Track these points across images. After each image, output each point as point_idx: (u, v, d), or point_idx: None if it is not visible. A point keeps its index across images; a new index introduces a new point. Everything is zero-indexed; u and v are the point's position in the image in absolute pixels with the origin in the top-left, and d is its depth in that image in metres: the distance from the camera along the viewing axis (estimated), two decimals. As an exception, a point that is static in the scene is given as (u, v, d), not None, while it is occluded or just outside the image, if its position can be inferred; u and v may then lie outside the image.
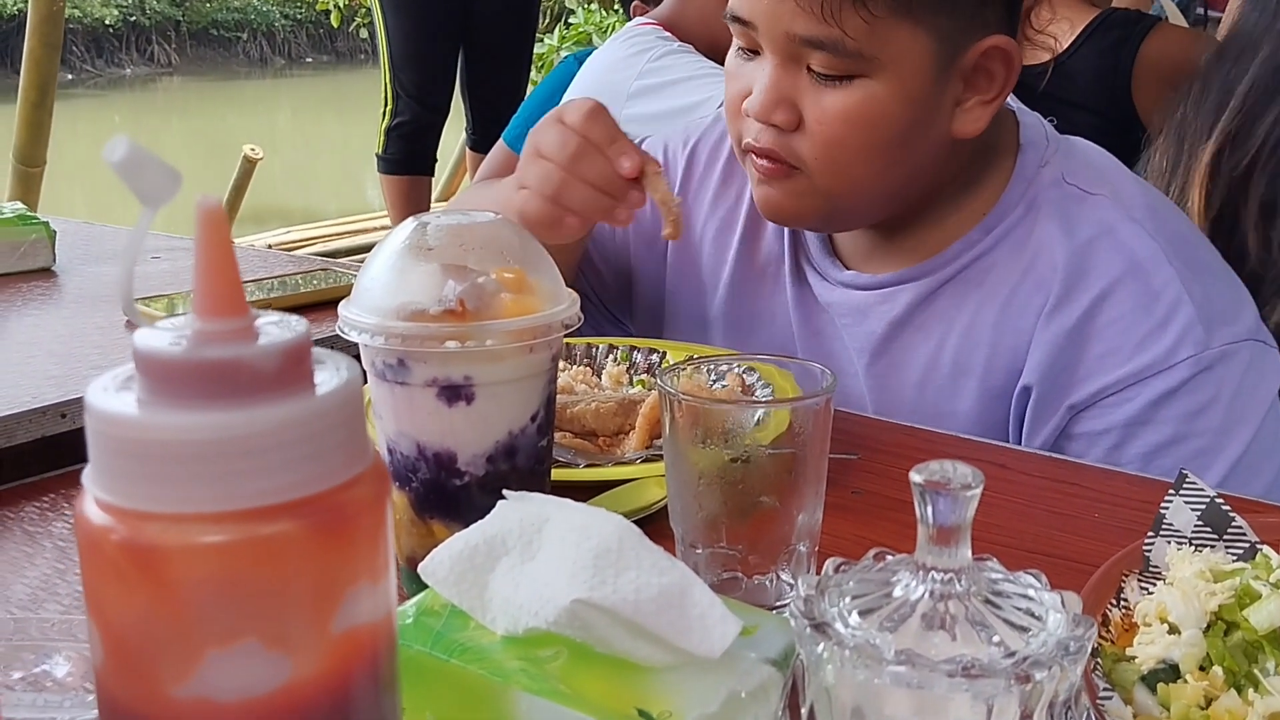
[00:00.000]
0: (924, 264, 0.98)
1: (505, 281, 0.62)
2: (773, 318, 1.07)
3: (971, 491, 0.42)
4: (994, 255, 0.95)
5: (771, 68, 0.91)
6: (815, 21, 0.86)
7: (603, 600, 0.46)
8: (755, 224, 1.08)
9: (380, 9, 3.11)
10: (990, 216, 0.96)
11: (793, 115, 0.91)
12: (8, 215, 1.30)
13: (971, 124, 0.92)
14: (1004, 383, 0.94)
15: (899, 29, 0.87)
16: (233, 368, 0.32)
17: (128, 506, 0.32)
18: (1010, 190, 0.96)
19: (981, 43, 0.90)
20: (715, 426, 0.61)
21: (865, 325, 1.00)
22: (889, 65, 0.88)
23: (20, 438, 0.82)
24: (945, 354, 0.96)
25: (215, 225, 0.33)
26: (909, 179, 0.94)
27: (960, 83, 0.91)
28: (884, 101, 0.88)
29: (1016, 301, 0.93)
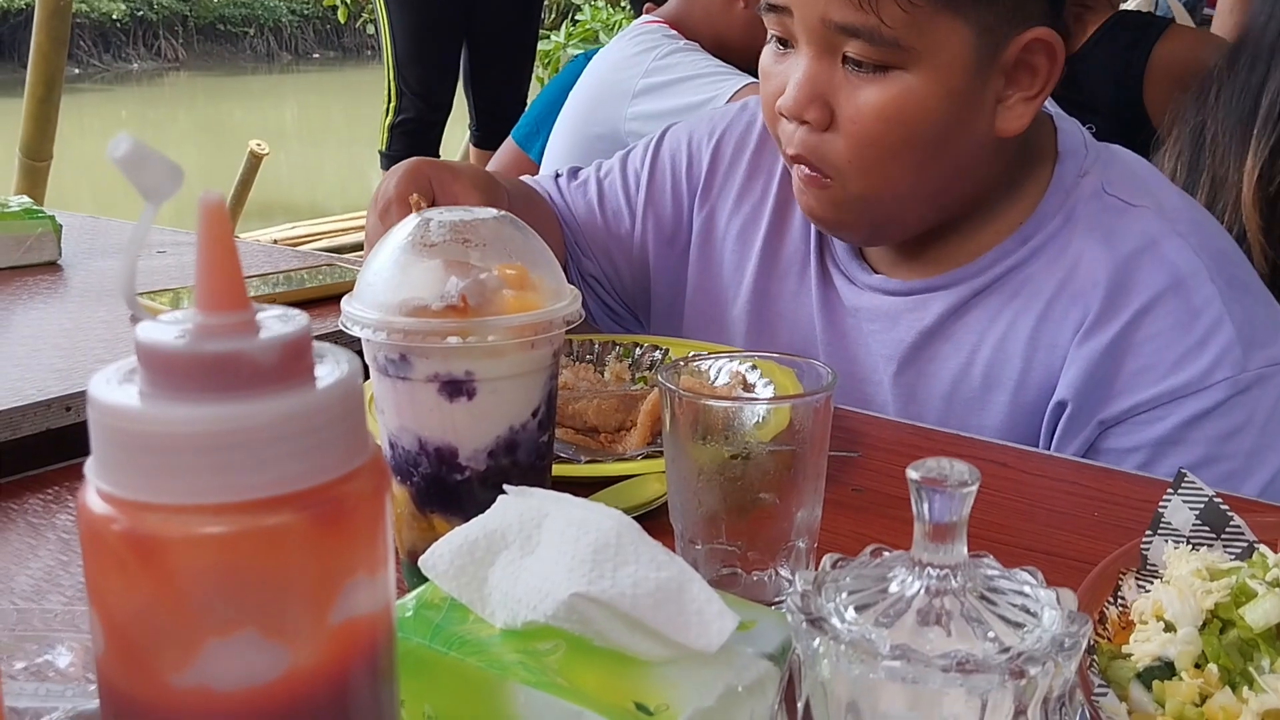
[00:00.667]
0: (956, 271, 0.96)
1: (507, 278, 0.62)
2: (796, 320, 1.05)
3: (968, 489, 0.42)
4: (1030, 267, 0.93)
5: (806, 61, 0.89)
6: (852, 8, 0.85)
7: (601, 594, 0.46)
8: (780, 222, 1.07)
9: (384, 6, 3.11)
10: (1027, 226, 0.94)
11: (825, 113, 0.89)
12: (14, 209, 1.30)
13: (1015, 121, 0.90)
14: (1036, 398, 0.92)
15: (938, 19, 0.85)
16: (233, 361, 0.32)
17: (129, 497, 0.32)
18: (1048, 199, 0.94)
19: (1024, 35, 0.87)
20: (715, 423, 0.61)
21: (894, 332, 0.98)
22: (927, 57, 0.85)
23: (25, 430, 0.83)
24: (976, 366, 0.94)
25: (217, 219, 0.33)
26: (951, 181, 0.92)
27: (1001, 78, 0.89)
28: (921, 96, 0.86)
29: (1053, 315, 0.92)
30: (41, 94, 3.26)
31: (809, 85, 0.89)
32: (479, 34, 3.18)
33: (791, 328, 1.05)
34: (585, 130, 2.04)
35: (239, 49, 21.11)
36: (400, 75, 3.14)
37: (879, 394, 0.99)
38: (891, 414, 0.98)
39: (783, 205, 1.07)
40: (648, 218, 1.14)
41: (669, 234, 1.13)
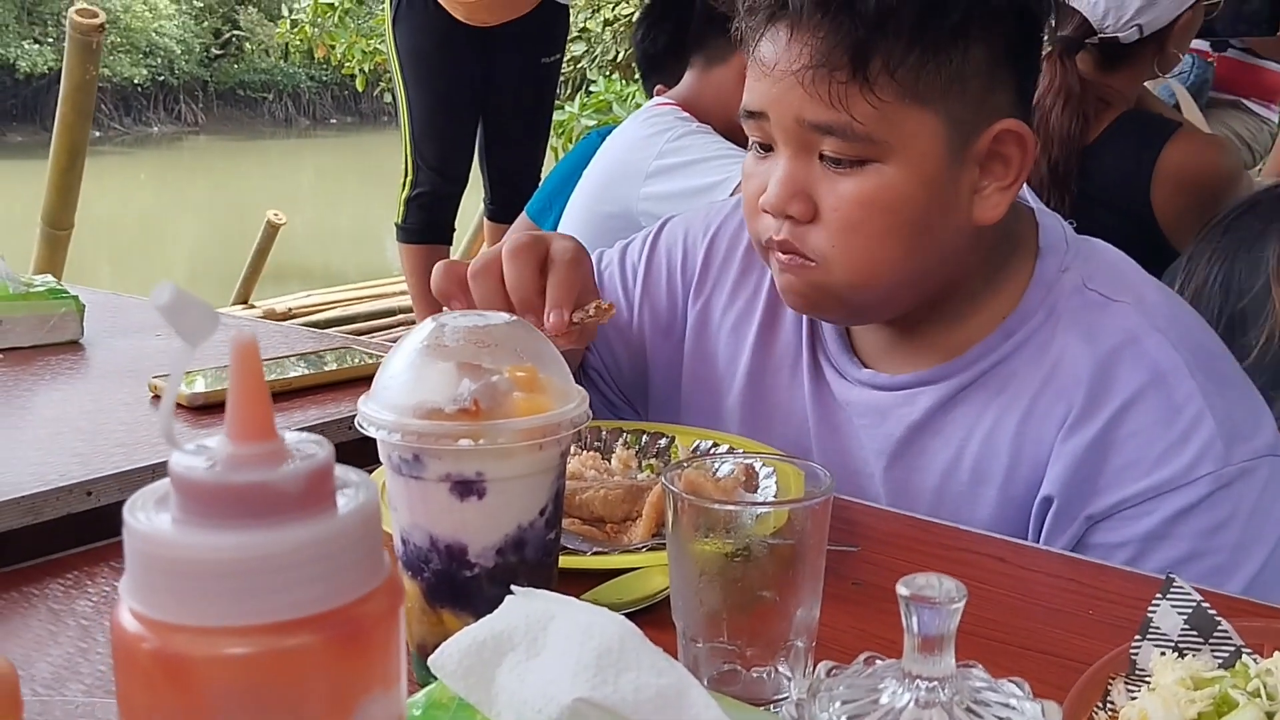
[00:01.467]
0: (943, 366, 0.98)
1: (518, 380, 0.64)
2: (790, 412, 1.07)
3: (955, 605, 0.44)
4: (1014, 362, 0.95)
5: (785, 160, 0.92)
6: (824, 107, 0.88)
7: (604, 699, 0.48)
8: (773, 316, 1.09)
9: (402, 82, 3.18)
10: (1010, 320, 0.96)
11: (808, 206, 0.92)
12: (39, 289, 1.33)
13: (992, 210, 0.93)
14: (1024, 493, 0.94)
15: (908, 113, 0.88)
16: (261, 491, 0.35)
17: (159, 618, 0.34)
18: (1030, 294, 0.96)
19: (993, 127, 0.91)
20: (715, 523, 0.63)
21: (884, 427, 1.00)
22: (900, 149, 0.89)
23: (47, 515, 0.85)
24: (965, 461, 0.96)
25: (248, 358, 0.36)
26: (932, 268, 0.94)
27: (975, 168, 0.92)
28: (898, 185, 0.89)
29: (1038, 411, 0.93)
30: (65, 164, 3.33)
31: (790, 181, 0.92)
32: (494, 109, 3.24)
33: (785, 420, 1.07)
34: (598, 209, 2.08)
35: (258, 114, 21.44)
36: (417, 150, 3.20)
37: (871, 486, 1.01)
38: (884, 506, 0.99)
39: (776, 300, 1.09)
40: (644, 310, 1.17)
41: (664, 326, 1.16)
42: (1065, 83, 1.83)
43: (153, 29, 19.79)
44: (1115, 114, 1.92)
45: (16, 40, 18.42)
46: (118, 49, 18.82)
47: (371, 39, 10.25)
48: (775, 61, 0.91)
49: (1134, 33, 1.88)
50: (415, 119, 3.18)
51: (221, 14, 21.68)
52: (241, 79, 21.36)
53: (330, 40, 10.81)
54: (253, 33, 21.27)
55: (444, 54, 3.11)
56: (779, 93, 0.91)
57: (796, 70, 0.89)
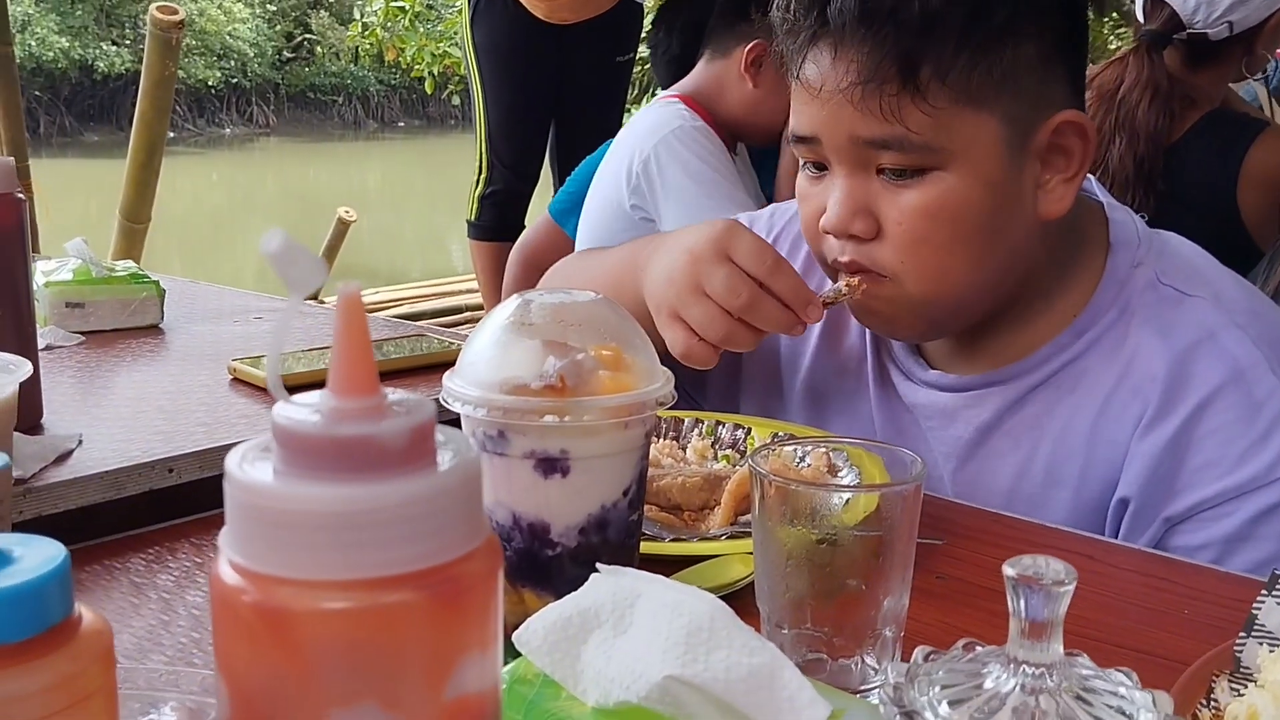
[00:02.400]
0: (1012, 366, 0.96)
1: (603, 359, 0.64)
2: (855, 415, 1.05)
3: (1064, 587, 0.43)
4: (1086, 360, 0.93)
5: (842, 179, 0.90)
6: (877, 122, 0.86)
7: (694, 677, 0.47)
8: (836, 321, 1.07)
9: (480, 82, 3.18)
10: (1081, 319, 0.94)
11: (871, 223, 0.90)
12: (120, 274, 1.36)
13: (1057, 203, 0.91)
14: (1099, 495, 0.91)
15: (963, 117, 0.86)
16: (364, 444, 0.34)
17: (260, 570, 0.34)
18: (1102, 292, 0.94)
19: (1051, 120, 0.89)
20: (803, 507, 0.62)
21: (952, 429, 0.98)
22: (959, 154, 0.87)
23: (129, 490, 0.86)
24: (1037, 463, 0.94)
25: (354, 311, 0.35)
26: (1005, 269, 0.92)
27: (1036, 163, 0.90)
28: (961, 191, 0.87)
29: (1112, 411, 0.91)
30: (143, 160, 3.39)
31: (850, 200, 0.90)
32: (568, 107, 3.25)
33: (850, 424, 1.05)
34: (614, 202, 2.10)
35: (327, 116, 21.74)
36: (493, 149, 3.20)
37: (940, 490, 0.99)
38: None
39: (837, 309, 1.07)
40: None
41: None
42: (1153, 78, 1.79)
43: (226, 32, 20.15)
44: (1200, 113, 1.87)
45: (95, 42, 18.85)
46: (193, 52, 19.19)
47: (441, 42, 10.35)
48: (821, 82, 0.89)
49: (1224, 30, 1.84)
50: (491, 117, 3.18)
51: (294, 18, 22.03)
52: (312, 82, 21.66)
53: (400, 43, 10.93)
54: (324, 36, 21.58)
55: (522, 52, 3.12)
56: (829, 114, 0.89)
57: (845, 88, 0.87)
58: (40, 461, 0.84)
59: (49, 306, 1.29)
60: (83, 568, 0.78)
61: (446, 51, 10.23)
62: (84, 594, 0.75)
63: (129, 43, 18.27)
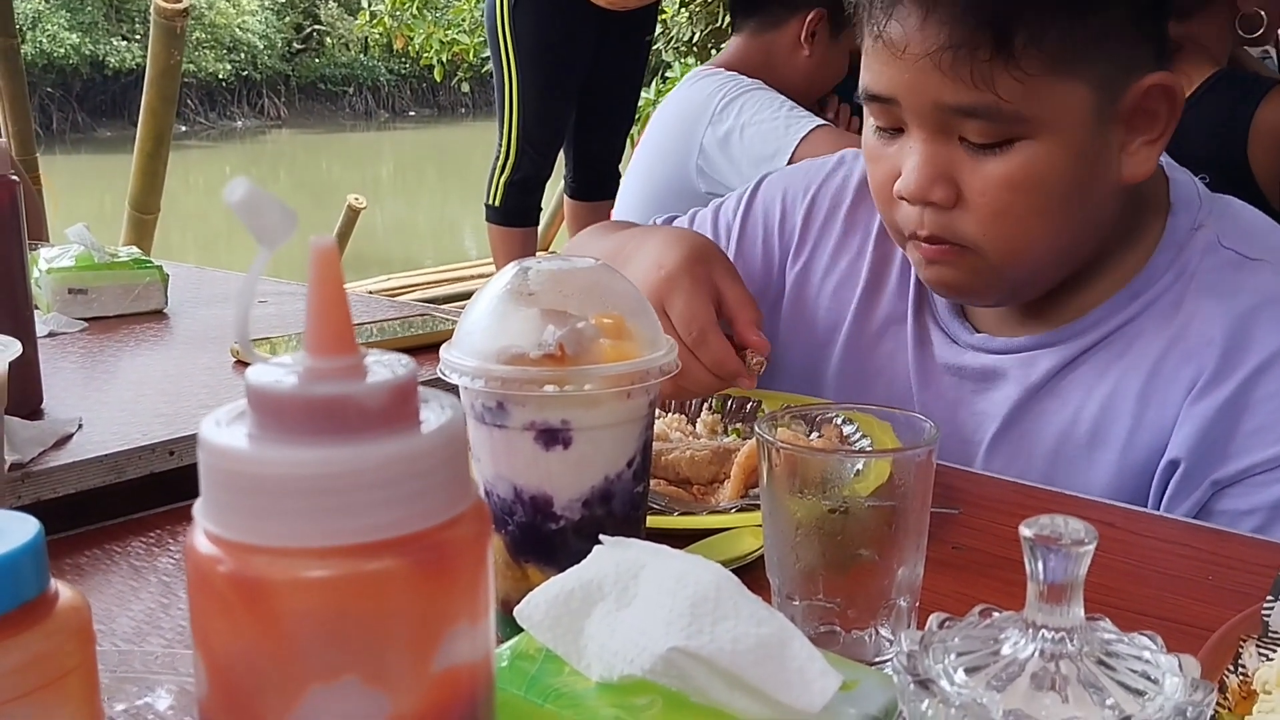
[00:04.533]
0: (1064, 328, 0.94)
1: (604, 327, 0.62)
2: (892, 378, 1.03)
3: (1084, 548, 0.41)
4: (1140, 323, 0.91)
5: (921, 144, 0.87)
6: (966, 89, 0.83)
7: (700, 649, 0.45)
8: (877, 280, 1.05)
9: (513, 70, 3.10)
10: (1137, 281, 0.92)
11: (951, 191, 0.87)
12: (124, 259, 1.35)
13: (1141, 166, 0.89)
14: (1146, 457, 0.89)
15: (1055, 84, 0.83)
16: (341, 404, 0.32)
17: (236, 539, 0.32)
18: (1160, 254, 0.92)
19: (1140, 82, 0.86)
20: (813, 476, 0.60)
21: (1000, 390, 0.96)
22: (1049, 123, 0.84)
23: (130, 474, 0.85)
24: (1083, 424, 0.92)
25: (328, 265, 0.33)
26: (1086, 235, 0.91)
27: (1122, 126, 0.87)
28: (1048, 160, 0.85)
29: (1164, 373, 0.89)
30: (150, 149, 3.39)
31: (929, 166, 0.87)
32: (592, 93, 3.21)
33: (888, 385, 1.03)
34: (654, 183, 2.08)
35: (338, 107, 21.74)
36: (525, 134, 3.14)
37: (976, 453, 0.97)
38: (991, 473, 0.94)
39: (880, 263, 1.05)
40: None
41: (758, 288, 1.11)
42: None
43: (236, 25, 20.15)
44: (1208, 71, 1.85)
45: (105, 37, 18.87)
46: (202, 45, 19.20)
47: (449, 30, 10.30)
48: (906, 43, 0.85)
49: None
50: (526, 103, 3.11)
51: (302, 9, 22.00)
52: (322, 73, 21.65)
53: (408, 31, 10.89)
54: (333, 27, 21.56)
55: (566, 40, 3.07)
56: (912, 77, 0.85)
57: (933, 52, 0.84)
58: (39, 446, 0.83)
59: (51, 293, 1.28)
60: (82, 552, 0.77)
61: (455, 39, 10.18)
62: (83, 578, 0.74)
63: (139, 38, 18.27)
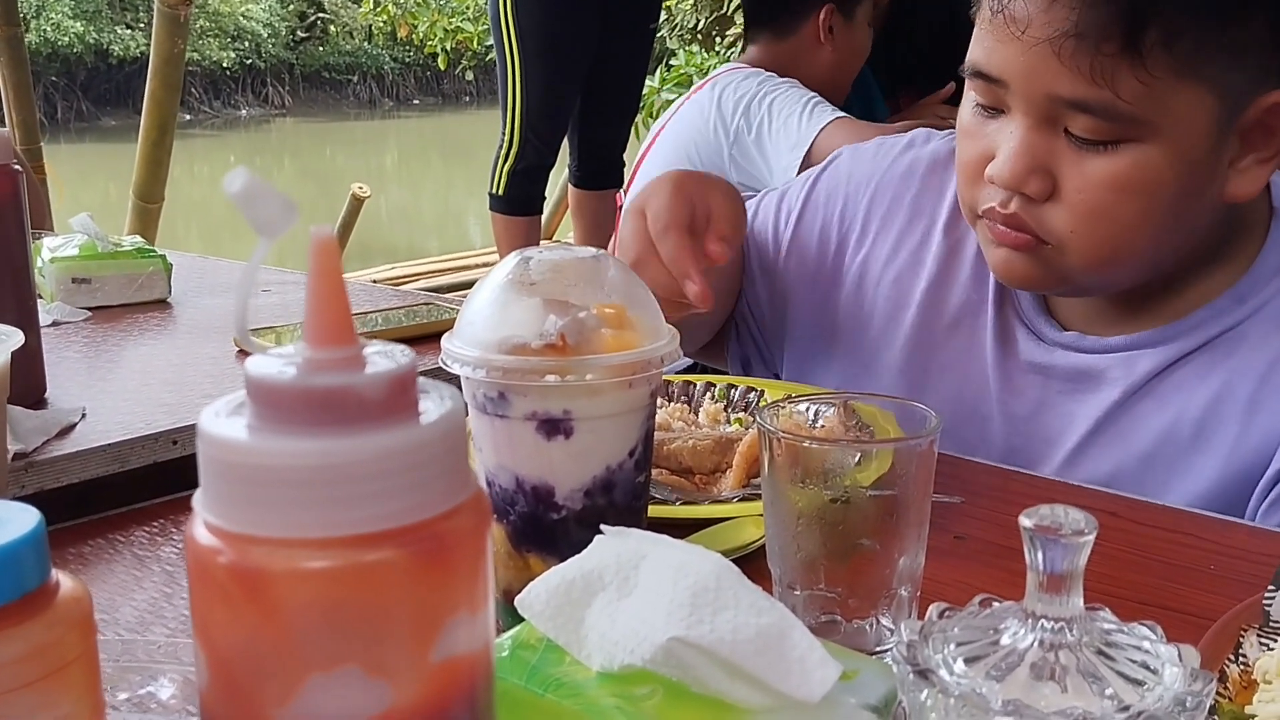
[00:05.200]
0: (1164, 329, 0.90)
1: (605, 317, 0.62)
2: (966, 374, 0.98)
3: (1084, 538, 0.41)
4: (1247, 327, 0.88)
5: (1023, 130, 0.84)
6: (1084, 83, 0.79)
7: (700, 639, 0.45)
8: (949, 268, 1.01)
9: (516, 56, 3.09)
10: (1241, 285, 0.89)
11: (1047, 184, 0.84)
12: (127, 248, 1.34)
13: (1249, 184, 0.85)
14: (1252, 465, 0.86)
15: (1180, 89, 0.79)
16: (340, 395, 0.32)
17: (235, 530, 0.32)
18: (1265, 258, 0.89)
19: (1266, 98, 0.82)
20: (814, 466, 0.60)
21: (1096, 392, 0.92)
22: (1165, 129, 0.80)
23: (133, 463, 0.85)
24: (1184, 428, 0.89)
25: (327, 255, 0.33)
26: (1175, 247, 0.87)
27: (1237, 141, 0.84)
28: (1157, 167, 0.81)
29: (1275, 379, 0.86)
30: (155, 138, 3.39)
31: (1028, 155, 0.84)
32: (596, 81, 3.20)
33: (961, 382, 0.99)
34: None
35: (343, 96, 21.70)
36: (529, 123, 3.13)
37: (1057, 455, 0.94)
38: (1077, 478, 0.91)
39: (950, 253, 1.01)
40: (791, 256, 1.09)
41: (811, 274, 1.08)
42: None
43: (240, 13, 20.11)
44: None
45: (110, 26, 18.85)
46: (206, 33, 19.17)
47: (453, 17, 10.29)
48: (1028, 24, 0.81)
49: None
50: (531, 93, 3.10)
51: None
52: (326, 61, 21.61)
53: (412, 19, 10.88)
54: (336, 15, 21.51)
55: (569, 29, 3.06)
56: (1029, 61, 0.81)
57: (1055, 37, 0.79)
58: (42, 435, 0.83)
59: (55, 283, 1.28)
60: (85, 541, 0.77)
61: (459, 27, 10.17)
62: (87, 568, 0.74)
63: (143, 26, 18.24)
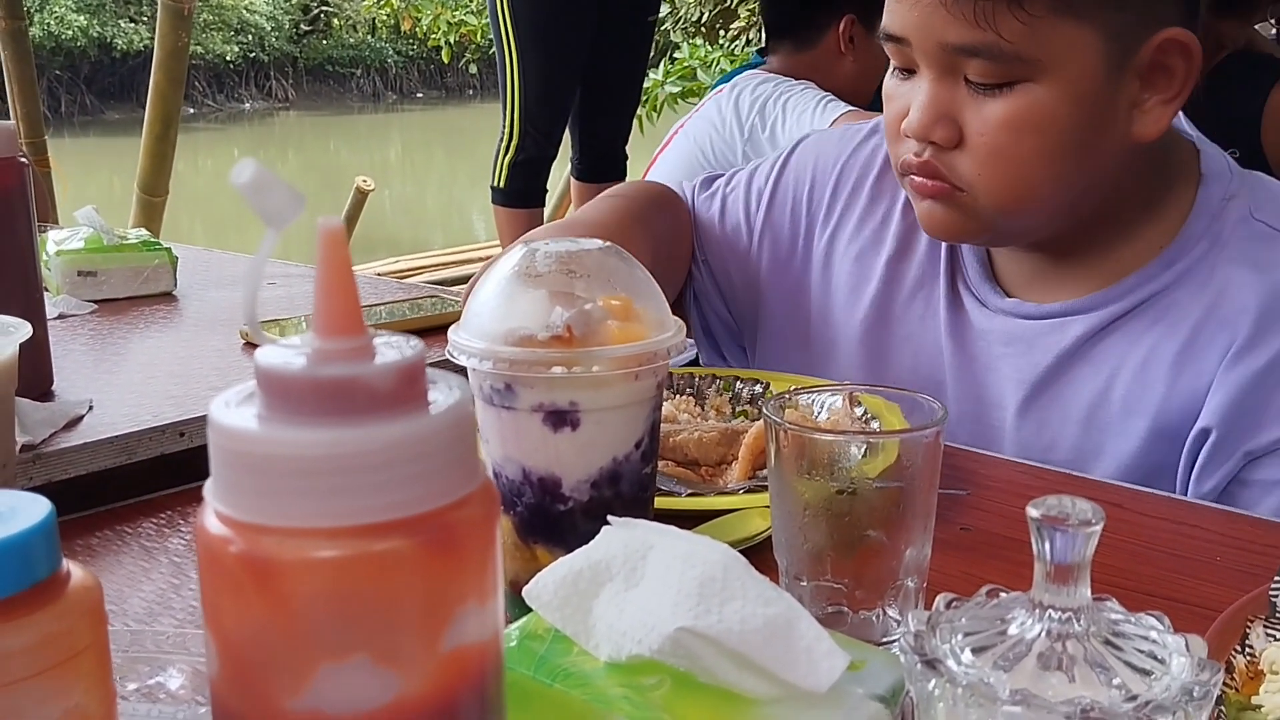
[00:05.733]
0: (1097, 295, 0.94)
1: (612, 309, 0.62)
2: (922, 343, 1.03)
3: (1092, 528, 0.41)
4: (1175, 292, 0.91)
5: (928, 83, 0.88)
6: (968, 27, 0.84)
7: (708, 629, 0.45)
8: (907, 244, 1.05)
9: (513, 47, 3.09)
10: (1170, 250, 0.92)
11: (953, 131, 0.88)
12: (133, 241, 1.35)
13: (1152, 125, 0.88)
14: (1178, 425, 0.89)
15: (1061, 28, 0.83)
16: (350, 385, 0.33)
17: (245, 519, 0.33)
18: (1192, 223, 0.92)
19: (1156, 37, 0.85)
20: (821, 457, 0.60)
21: (1030, 356, 0.95)
22: (1053, 67, 0.84)
23: (140, 455, 0.85)
24: (1115, 392, 0.92)
25: (336, 246, 0.33)
26: (1087, 189, 0.90)
27: (1136, 82, 0.87)
28: (1050, 105, 0.85)
29: (1199, 341, 0.89)
30: (159, 132, 3.38)
31: (933, 106, 0.88)
32: (595, 72, 3.20)
33: (917, 351, 1.03)
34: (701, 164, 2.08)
35: (346, 89, 21.69)
36: (527, 115, 3.13)
37: (1005, 419, 0.97)
38: (1018, 440, 0.95)
39: (909, 230, 1.05)
40: (765, 238, 1.13)
41: (784, 256, 1.12)
42: None
43: (244, 6, 20.10)
44: (1222, 54, 1.84)
45: (113, 19, 18.84)
46: (210, 27, 19.16)
47: (457, 10, 10.28)
48: None
49: None
50: (528, 84, 3.10)
51: (310, -10, 21.93)
52: (330, 55, 21.60)
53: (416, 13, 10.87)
54: (340, 9, 21.50)
55: (564, 20, 3.06)
56: (921, 15, 0.86)
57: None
58: (49, 427, 0.83)
59: (61, 275, 1.28)
60: (93, 533, 0.78)
61: (462, 20, 10.16)
62: (95, 559, 0.74)
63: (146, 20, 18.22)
